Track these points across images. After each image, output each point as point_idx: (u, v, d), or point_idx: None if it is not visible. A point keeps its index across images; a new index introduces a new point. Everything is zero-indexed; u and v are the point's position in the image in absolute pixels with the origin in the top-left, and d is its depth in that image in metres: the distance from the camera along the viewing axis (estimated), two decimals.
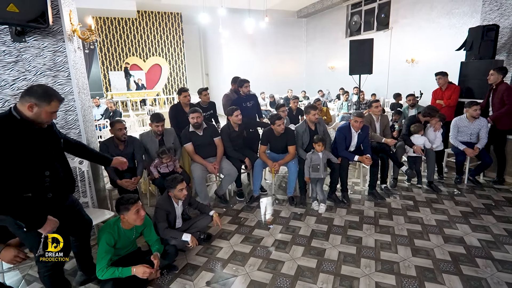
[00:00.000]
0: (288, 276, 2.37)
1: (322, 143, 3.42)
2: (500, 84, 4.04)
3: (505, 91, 3.95)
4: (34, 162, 1.66)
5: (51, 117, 1.72)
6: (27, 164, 1.62)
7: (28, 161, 1.62)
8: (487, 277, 2.29)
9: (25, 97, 1.62)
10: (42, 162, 1.71)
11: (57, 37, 2.52)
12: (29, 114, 1.62)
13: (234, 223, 3.28)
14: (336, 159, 3.56)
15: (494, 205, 3.50)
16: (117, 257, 2.30)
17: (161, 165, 3.29)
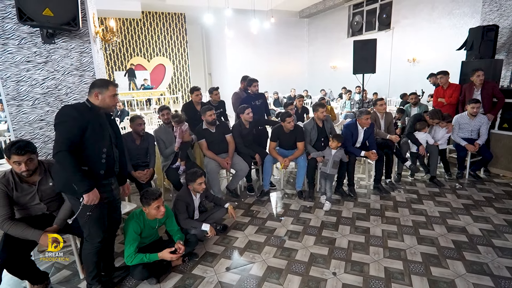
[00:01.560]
0: (302, 262, 2.53)
1: (337, 141, 3.56)
2: (485, 83, 4.32)
3: (494, 88, 4.29)
4: (96, 140, 1.93)
5: (113, 100, 2.00)
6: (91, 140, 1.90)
7: (91, 138, 1.90)
8: (488, 262, 2.45)
9: (91, 90, 1.95)
10: (101, 141, 1.97)
11: (83, 39, 2.68)
12: (96, 102, 1.95)
13: (247, 215, 3.45)
14: (346, 157, 3.70)
15: (494, 198, 3.66)
16: (142, 245, 2.46)
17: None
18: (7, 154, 2.01)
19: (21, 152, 1.99)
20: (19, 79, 2.55)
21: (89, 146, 1.91)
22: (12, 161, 2.01)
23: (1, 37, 2.44)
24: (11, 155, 1.99)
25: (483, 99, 4.31)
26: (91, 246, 2.07)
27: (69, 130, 1.84)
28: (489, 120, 4.20)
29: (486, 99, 4.31)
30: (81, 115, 1.87)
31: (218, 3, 9.83)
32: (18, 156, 1.99)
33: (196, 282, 2.34)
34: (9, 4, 2.41)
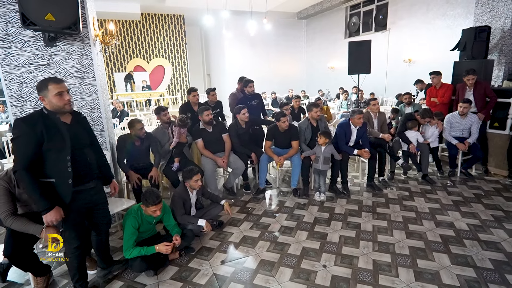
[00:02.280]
0: (295, 256, 2.63)
1: (324, 137, 3.69)
2: (477, 83, 4.42)
3: (486, 88, 4.41)
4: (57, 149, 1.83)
5: (60, 99, 1.82)
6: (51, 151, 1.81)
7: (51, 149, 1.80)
8: (472, 254, 2.55)
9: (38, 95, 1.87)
10: (64, 149, 1.84)
11: (84, 42, 2.78)
12: (47, 106, 1.84)
13: (243, 212, 3.55)
14: (338, 155, 3.81)
15: (483, 194, 3.77)
16: (140, 239, 2.56)
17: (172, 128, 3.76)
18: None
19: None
20: (22, 81, 2.66)
21: (50, 157, 1.81)
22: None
23: (5, 41, 2.55)
24: None
25: (475, 99, 4.43)
26: (68, 251, 2.07)
27: (24, 146, 1.76)
28: (479, 119, 4.30)
29: (478, 99, 4.43)
30: (33, 128, 1.75)
31: (217, 5, 9.94)
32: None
33: (192, 274, 2.45)
34: (13, 9, 2.51)
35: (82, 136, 1.99)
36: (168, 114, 3.92)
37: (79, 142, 1.95)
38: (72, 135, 1.90)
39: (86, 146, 2.02)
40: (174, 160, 3.67)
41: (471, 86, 4.44)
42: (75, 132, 1.93)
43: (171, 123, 3.91)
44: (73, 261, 2.11)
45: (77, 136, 1.94)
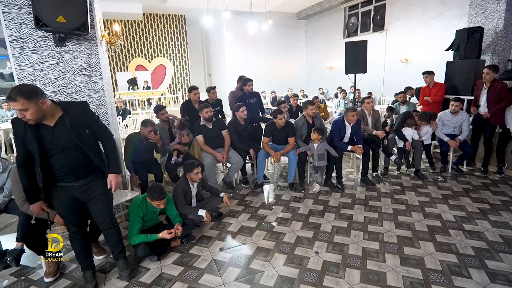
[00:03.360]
0: (289, 244, 2.80)
1: (317, 133, 3.86)
2: (494, 82, 4.24)
3: (502, 89, 4.15)
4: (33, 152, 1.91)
5: (20, 114, 1.79)
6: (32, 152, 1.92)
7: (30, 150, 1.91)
8: (456, 243, 2.72)
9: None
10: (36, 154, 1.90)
11: (91, 42, 2.95)
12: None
13: (241, 204, 3.72)
14: (334, 152, 3.98)
15: (472, 189, 3.93)
16: (144, 228, 2.73)
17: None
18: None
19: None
20: (34, 79, 2.83)
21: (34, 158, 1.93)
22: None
23: (18, 41, 2.72)
24: None
25: (488, 98, 4.27)
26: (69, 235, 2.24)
27: (16, 146, 1.93)
28: (483, 116, 4.30)
29: (491, 99, 4.23)
30: (17, 130, 1.88)
31: (217, 5, 10.11)
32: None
33: (193, 259, 2.62)
34: (25, 12, 2.68)
35: (64, 138, 1.93)
36: (166, 113, 4.09)
37: (61, 144, 1.93)
38: (53, 138, 1.91)
39: (69, 147, 1.96)
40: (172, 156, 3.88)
41: (488, 82, 4.25)
42: (57, 135, 1.92)
43: (169, 121, 4.10)
44: (74, 244, 2.27)
45: (58, 139, 1.92)
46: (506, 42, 5.89)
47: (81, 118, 2.00)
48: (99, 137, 2.14)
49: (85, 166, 2.07)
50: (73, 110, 2.00)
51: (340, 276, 2.33)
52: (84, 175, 2.08)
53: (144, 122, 3.56)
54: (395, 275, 2.31)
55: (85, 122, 2.02)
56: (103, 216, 2.22)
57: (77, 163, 2.02)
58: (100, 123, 2.16)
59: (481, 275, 2.27)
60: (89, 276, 2.31)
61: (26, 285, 2.39)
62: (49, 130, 1.90)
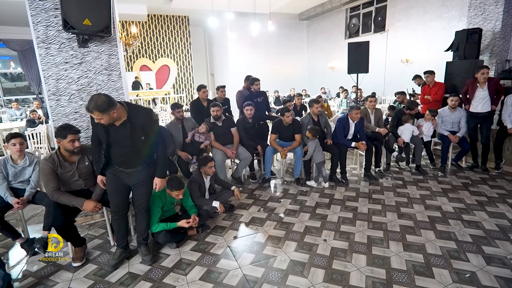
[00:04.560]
0: (298, 232, 2.99)
1: (311, 134, 4.06)
2: (490, 79, 4.43)
3: (497, 83, 4.46)
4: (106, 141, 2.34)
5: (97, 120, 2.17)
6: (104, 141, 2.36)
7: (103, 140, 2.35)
8: (455, 231, 2.90)
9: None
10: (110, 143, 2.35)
11: (112, 43, 3.14)
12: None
13: (250, 198, 3.91)
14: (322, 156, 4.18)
15: (471, 183, 4.11)
16: (163, 217, 2.91)
17: (197, 133, 4.12)
18: (63, 135, 2.48)
19: (75, 131, 2.48)
20: (58, 78, 3.01)
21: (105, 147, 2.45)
22: (69, 139, 2.49)
23: (45, 42, 2.91)
24: (68, 135, 2.47)
25: (490, 94, 4.39)
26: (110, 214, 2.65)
27: (93, 129, 2.48)
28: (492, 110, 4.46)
29: (492, 94, 4.41)
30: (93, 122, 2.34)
31: (221, 7, 10.28)
32: (73, 135, 2.49)
33: (209, 247, 2.80)
34: (52, 15, 2.87)
35: (124, 138, 2.29)
36: (182, 112, 4.27)
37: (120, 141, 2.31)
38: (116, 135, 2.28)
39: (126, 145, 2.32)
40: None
41: (484, 82, 4.37)
42: (119, 134, 2.28)
43: (183, 120, 4.27)
44: (113, 223, 2.60)
45: (119, 137, 2.29)
46: (504, 43, 6.08)
47: (140, 124, 2.30)
48: (152, 143, 2.41)
49: (136, 160, 2.42)
50: (136, 116, 2.29)
51: (348, 260, 2.51)
52: (133, 166, 2.44)
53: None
54: (399, 259, 2.50)
55: (143, 129, 2.31)
56: (141, 200, 2.55)
57: (130, 157, 2.39)
58: (155, 131, 2.41)
59: (478, 259, 2.46)
60: (118, 253, 2.58)
61: (55, 269, 2.58)
62: (114, 129, 2.27)
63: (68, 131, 2.49)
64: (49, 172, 2.51)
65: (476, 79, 4.46)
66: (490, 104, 4.43)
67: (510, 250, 2.56)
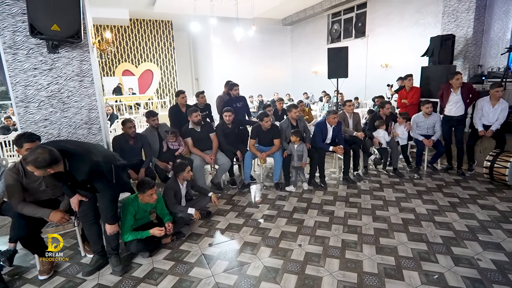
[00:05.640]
0: (274, 238, 2.98)
1: (295, 136, 4.08)
2: (463, 84, 4.54)
3: (471, 88, 4.59)
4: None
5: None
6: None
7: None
8: (427, 233, 2.97)
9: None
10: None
11: (83, 49, 3.08)
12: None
13: (229, 204, 3.88)
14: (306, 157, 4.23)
15: (444, 185, 4.22)
16: (135, 226, 2.85)
17: (170, 141, 4.09)
18: (19, 144, 2.40)
19: (31, 139, 2.39)
20: (27, 84, 2.93)
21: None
22: (25, 148, 2.40)
23: (12, 48, 2.83)
24: (23, 144, 2.38)
25: (464, 99, 4.51)
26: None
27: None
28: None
29: (465, 98, 4.53)
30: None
31: (204, 11, 10.29)
32: (30, 143, 2.39)
33: (183, 255, 2.76)
34: (20, 20, 2.79)
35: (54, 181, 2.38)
36: (157, 120, 4.22)
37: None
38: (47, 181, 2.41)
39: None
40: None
41: (458, 87, 4.49)
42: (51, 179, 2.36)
43: (158, 128, 4.22)
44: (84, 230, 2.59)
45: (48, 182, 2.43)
46: (476, 49, 6.32)
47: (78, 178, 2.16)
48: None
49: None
50: (76, 171, 2.13)
51: (321, 265, 2.52)
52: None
53: (123, 123, 3.74)
54: (371, 262, 2.53)
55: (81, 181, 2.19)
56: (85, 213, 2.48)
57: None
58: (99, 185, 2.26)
59: (446, 260, 2.51)
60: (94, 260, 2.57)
61: (20, 284, 2.48)
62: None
63: (24, 140, 2.40)
64: (13, 183, 2.42)
65: (450, 84, 4.60)
66: (463, 108, 4.58)
67: (477, 250, 2.63)
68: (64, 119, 3.13)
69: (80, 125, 3.22)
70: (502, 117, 4.31)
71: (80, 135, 3.24)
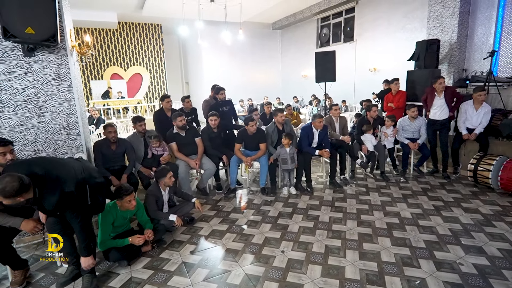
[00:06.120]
0: (257, 244, 2.93)
1: (288, 138, 4.06)
2: (446, 88, 4.61)
3: (454, 92, 4.66)
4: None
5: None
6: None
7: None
8: (410, 237, 2.95)
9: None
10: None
11: (61, 52, 3.01)
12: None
13: (214, 209, 3.82)
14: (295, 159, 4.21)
15: (430, 188, 4.24)
16: (114, 234, 2.77)
17: (154, 146, 3.98)
18: None
19: (4, 143, 2.28)
20: (1, 88, 2.84)
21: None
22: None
23: None
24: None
25: (447, 102, 4.56)
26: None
27: None
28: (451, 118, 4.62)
29: (449, 102, 4.58)
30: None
31: (193, 15, 10.24)
32: (3, 148, 2.28)
33: (163, 263, 2.69)
34: None
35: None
36: (144, 126, 4.13)
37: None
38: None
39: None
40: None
41: (441, 91, 4.54)
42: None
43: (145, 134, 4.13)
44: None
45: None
46: (460, 53, 6.41)
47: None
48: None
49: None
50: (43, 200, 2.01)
51: (303, 272, 2.48)
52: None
53: (104, 127, 3.66)
54: (353, 268, 2.50)
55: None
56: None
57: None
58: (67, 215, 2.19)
59: (429, 265, 2.50)
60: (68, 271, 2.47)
61: None
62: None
63: None
64: None
65: (434, 88, 4.64)
66: (447, 112, 4.62)
67: (459, 255, 2.63)
68: (41, 124, 3.05)
69: (58, 130, 3.14)
70: (485, 120, 4.36)
71: (58, 141, 3.15)
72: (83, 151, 3.32)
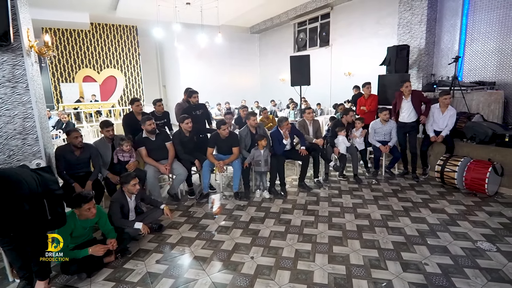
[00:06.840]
0: (226, 251, 2.86)
1: (264, 141, 4.05)
2: (412, 92, 4.73)
3: (420, 96, 4.74)
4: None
5: None
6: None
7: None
8: (379, 239, 2.98)
9: None
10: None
11: (16, 52, 2.82)
12: None
13: (184, 216, 3.71)
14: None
15: (400, 190, 4.33)
16: (73, 245, 2.61)
17: (120, 152, 3.77)
18: None
19: None
20: None
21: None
22: None
23: None
24: None
25: (414, 106, 4.67)
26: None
27: None
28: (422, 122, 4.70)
29: (416, 105, 4.67)
30: None
31: (169, 18, 10.08)
32: None
33: (126, 274, 2.56)
34: None
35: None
36: (112, 131, 3.93)
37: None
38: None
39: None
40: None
41: (409, 94, 4.67)
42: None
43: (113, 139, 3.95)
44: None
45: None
46: (428, 59, 6.67)
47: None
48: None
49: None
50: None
51: (271, 278, 2.43)
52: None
53: (67, 133, 3.46)
54: (322, 272, 2.47)
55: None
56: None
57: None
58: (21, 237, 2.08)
59: (395, 266, 2.52)
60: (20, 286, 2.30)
61: None
62: None
63: None
64: None
65: (402, 92, 4.76)
66: (415, 114, 4.74)
67: (425, 255, 2.67)
68: None
69: (13, 136, 2.94)
70: (451, 123, 4.52)
71: (13, 146, 2.95)
72: (41, 157, 3.13)
